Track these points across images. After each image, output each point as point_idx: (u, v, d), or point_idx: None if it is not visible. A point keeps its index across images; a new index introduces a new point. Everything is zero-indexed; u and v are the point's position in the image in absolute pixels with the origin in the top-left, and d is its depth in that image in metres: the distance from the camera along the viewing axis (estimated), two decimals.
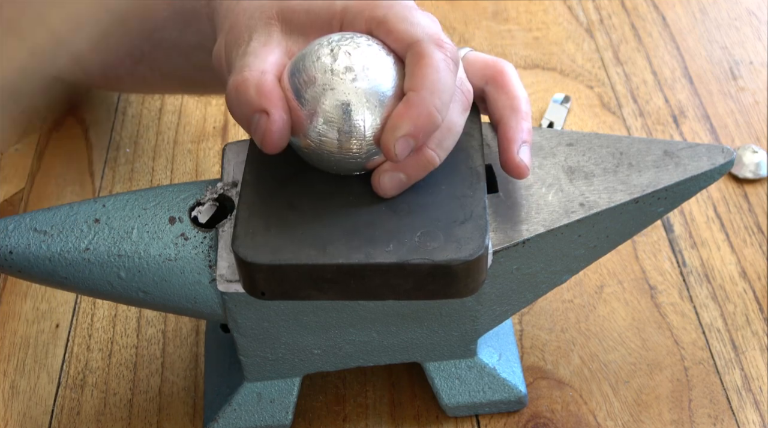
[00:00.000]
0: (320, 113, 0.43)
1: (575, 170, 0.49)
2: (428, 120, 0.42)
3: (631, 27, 0.79)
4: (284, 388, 0.52)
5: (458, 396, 0.53)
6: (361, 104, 0.43)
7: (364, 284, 0.43)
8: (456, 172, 0.46)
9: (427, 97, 0.42)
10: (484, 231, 0.43)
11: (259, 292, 0.44)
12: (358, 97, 0.43)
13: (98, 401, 0.56)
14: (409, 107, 0.42)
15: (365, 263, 0.43)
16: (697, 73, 0.74)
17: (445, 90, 0.43)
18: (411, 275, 0.43)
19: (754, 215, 0.64)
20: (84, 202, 0.49)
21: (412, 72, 0.43)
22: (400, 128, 0.42)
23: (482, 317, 0.50)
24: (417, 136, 0.42)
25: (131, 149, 0.71)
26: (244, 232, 0.44)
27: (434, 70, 0.43)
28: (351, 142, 0.43)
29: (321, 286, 0.43)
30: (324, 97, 0.43)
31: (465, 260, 0.42)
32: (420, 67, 0.43)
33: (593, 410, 0.54)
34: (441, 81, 0.43)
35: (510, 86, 0.49)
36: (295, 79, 0.44)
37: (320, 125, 0.43)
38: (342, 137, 0.43)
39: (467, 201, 0.45)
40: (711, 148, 0.50)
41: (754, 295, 0.59)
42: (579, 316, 0.59)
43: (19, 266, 0.47)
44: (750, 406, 0.54)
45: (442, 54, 0.43)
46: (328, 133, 0.43)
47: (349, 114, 0.43)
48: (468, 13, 0.81)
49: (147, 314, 0.60)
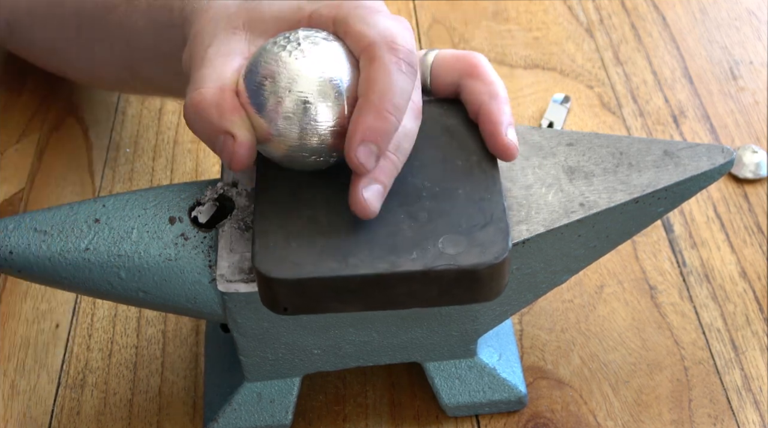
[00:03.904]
0: (280, 110, 0.43)
1: (575, 170, 0.49)
2: (383, 124, 0.42)
3: (631, 27, 0.79)
4: (284, 388, 0.52)
5: (458, 396, 0.53)
6: (318, 98, 0.42)
7: (388, 294, 0.43)
8: (470, 176, 0.46)
9: (377, 101, 0.42)
10: (506, 234, 0.43)
11: (282, 308, 0.44)
12: (315, 90, 0.42)
13: (98, 401, 0.56)
14: (360, 112, 0.42)
15: (390, 272, 0.42)
16: (697, 73, 0.74)
17: (396, 92, 0.42)
18: (436, 282, 0.43)
19: (754, 215, 0.64)
20: (84, 202, 0.49)
21: (363, 76, 0.43)
22: (356, 135, 0.42)
23: (482, 317, 0.50)
24: (376, 140, 0.42)
25: (131, 149, 0.71)
26: (263, 247, 0.44)
27: (385, 73, 0.42)
28: (311, 138, 0.43)
29: (345, 298, 0.43)
30: (282, 93, 0.42)
31: (491, 264, 0.42)
32: (371, 70, 0.43)
33: (593, 410, 0.54)
34: (393, 83, 0.42)
35: (485, 75, 0.49)
36: (251, 77, 0.43)
37: (280, 123, 0.43)
38: (302, 133, 0.43)
39: (485, 204, 0.45)
40: (711, 148, 0.50)
41: (754, 295, 0.59)
42: (579, 316, 0.59)
43: (19, 266, 0.47)
44: (750, 406, 0.54)
45: (394, 56, 0.43)
46: (289, 130, 0.43)
47: (307, 109, 0.42)
48: (468, 13, 0.81)
49: (147, 314, 0.60)
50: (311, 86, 0.43)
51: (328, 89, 0.43)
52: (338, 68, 0.43)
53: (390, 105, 0.42)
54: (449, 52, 0.50)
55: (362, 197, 0.43)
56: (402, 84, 0.43)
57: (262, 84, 0.43)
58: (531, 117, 0.71)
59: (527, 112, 0.72)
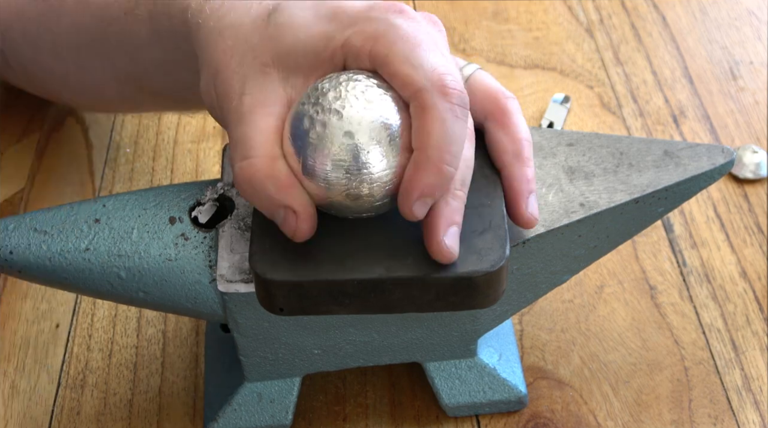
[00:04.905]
0: (329, 164, 0.41)
1: (575, 170, 0.49)
2: (440, 178, 0.40)
3: (631, 27, 0.79)
4: (284, 388, 0.52)
5: (458, 396, 0.53)
6: (370, 145, 0.41)
7: (384, 298, 0.43)
8: (472, 181, 0.45)
9: (435, 155, 0.40)
10: (504, 241, 0.43)
11: (278, 308, 0.44)
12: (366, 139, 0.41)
13: (98, 401, 0.56)
14: (417, 168, 0.40)
15: (386, 277, 0.42)
16: (697, 73, 0.74)
17: (454, 142, 0.40)
18: (432, 288, 0.42)
19: (754, 215, 0.64)
20: (84, 202, 0.49)
21: (417, 127, 0.41)
22: (413, 193, 0.41)
23: (482, 317, 0.50)
24: (432, 194, 0.41)
25: (131, 149, 0.71)
26: (260, 248, 0.43)
27: (440, 124, 0.40)
28: (361, 185, 0.41)
29: (341, 301, 0.43)
30: (329, 148, 0.41)
31: (486, 272, 0.42)
32: (424, 121, 0.40)
33: (593, 410, 0.54)
34: (448, 134, 0.40)
35: (512, 127, 0.46)
36: (297, 141, 0.42)
37: (331, 176, 0.41)
38: (351, 179, 0.41)
39: (485, 211, 0.44)
40: (711, 148, 0.50)
41: (754, 295, 0.59)
42: (579, 316, 0.59)
43: (19, 266, 0.47)
44: (750, 406, 0.54)
45: (448, 104, 0.40)
46: (338, 182, 0.41)
47: (358, 157, 0.41)
48: (468, 13, 0.81)
49: (147, 314, 0.60)
50: (362, 135, 0.41)
51: (381, 136, 0.41)
52: (388, 114, 0.41)
53: (448, 157, 0.40)
54: (483, 83, 0.47)
55: (445, 245, 0.41)
56: (459, 131, 0.41)
57: (310, 144, 0.41)
58: (531, 117, 0.71)
59: (527, 112, 0.72)
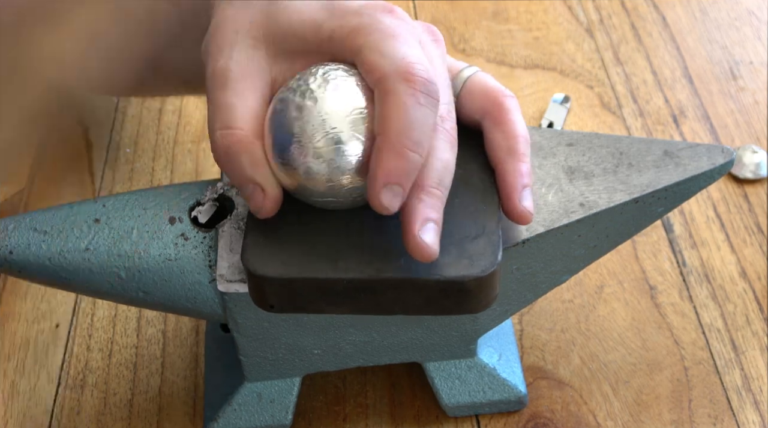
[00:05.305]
0: (308, 156, 0.42)
1: (575, 170, 0.49)
2: (402, 162, 0.40)
3: (631, 27, 0.79)
4: (284, 388, 0.52)
5: (458, 396, 0.53)
6: (346, 137, 0.41)
7: (375, 299, 0.43)
8: (468, 185, 0.45)
9: (395, 140, 0.40)
10: (496, 247, 0.43)
11: (268, 305, 0.44)
12: (341, 131, 0.41)
13: (98, 401, 0.56)
14: (379, 153, 0.40)
15: (376, 278, 0.42)
16: (697, 73, 0.74)
17: (415, 127, 0.40)
18: (422, 291, 0.42)
19: (754, 215, 0.64)
20: (84, 202, 0.49)
21: (378, 113, 0.41)
22: (377, 179, 0.40)
23: (482, 317, 0.50)
24: (399, 181, 0.40)
25: (131, 149, 0.71)
26: (253, 244, 0.44)
27: (400, 109, 0.40)
28: (342, 176, 0.42)
29: (331, 300, 0.43)
30: (308, 141, 0.41)
31: (477, 277, 0.42)
32: (384, 106, 0.40)
33: (593, 410, 0.54)
34: (409, 119, 0.40)
35: (508, 124, 0.46)
36: (279, 134, 0.42)
37: (311, 165, 0.42)
38: (331, 171, 0.42)
39: (480, 215, 0.44)
40: (711, 148, 0.50)
41: (754, 295, 0.59)
42: (579, 316, 0.59)
43: (19, 266, 0.47)
44: (750, 406, 0.54)
45: (410, 89, 0.40)
46: (317, 175, 0.42)
47: (336, 149, 0.41)
48: (468, 13, 0.81)
49: (147, 314, 0.60)
50: (340, 125, 0.41)
51: (356, 127, 0.41)
52: (363, 105, 0.42)
53: (409, 142, 0.40)
54: (481, 82, 0.47)
55: (420, 240, 0.40)
56: (421, 118, 0.40)
57: (290, 137, 0.42)
58: (531, 117, 0.71)
59: (527, 112, 0.72)
